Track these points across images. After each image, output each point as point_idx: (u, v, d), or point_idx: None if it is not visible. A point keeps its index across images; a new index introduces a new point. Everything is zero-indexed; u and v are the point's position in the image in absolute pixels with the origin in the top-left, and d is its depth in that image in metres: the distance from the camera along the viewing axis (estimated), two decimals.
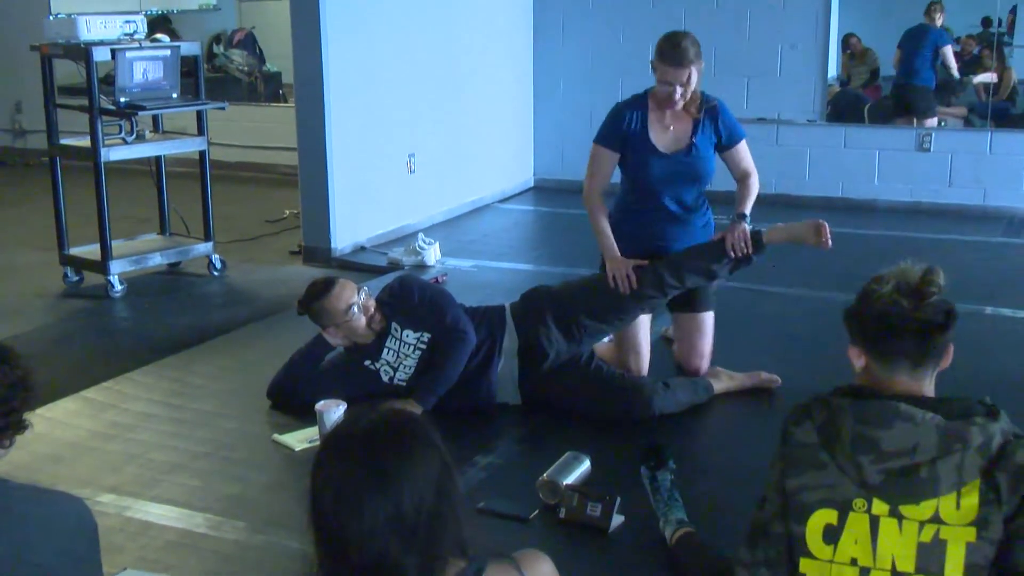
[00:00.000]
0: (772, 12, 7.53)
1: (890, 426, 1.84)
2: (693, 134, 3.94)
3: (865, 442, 1.85)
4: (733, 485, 3.35)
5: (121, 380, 4.27)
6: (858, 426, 1.86)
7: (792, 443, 1.96)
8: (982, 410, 1.88)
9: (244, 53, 10.68)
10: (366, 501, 1.50)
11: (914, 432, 1.82)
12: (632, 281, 3.85)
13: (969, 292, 5.34)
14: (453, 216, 7.34)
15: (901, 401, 1.87)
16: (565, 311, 3.88)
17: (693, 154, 3.94)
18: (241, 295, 5.70)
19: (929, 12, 7.60)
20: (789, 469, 1.94)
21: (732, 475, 3.45)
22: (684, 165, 3.95)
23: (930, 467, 1.81)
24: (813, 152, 7.67)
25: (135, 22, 5.55)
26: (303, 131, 6.18)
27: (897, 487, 1.83)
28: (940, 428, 1.82)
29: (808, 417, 1.95)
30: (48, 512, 1.90)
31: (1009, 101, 7.64)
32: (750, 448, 3.67)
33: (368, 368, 3.83)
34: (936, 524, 1.82)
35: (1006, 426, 1.87)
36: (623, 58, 7.92)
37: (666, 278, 3.88)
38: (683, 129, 3.95)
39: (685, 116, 3.95)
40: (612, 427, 3.68)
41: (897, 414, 1.84)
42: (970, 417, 1.85)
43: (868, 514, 1.85)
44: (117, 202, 5.63)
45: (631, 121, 3.96)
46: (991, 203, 7.29)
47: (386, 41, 6.52)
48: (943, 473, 1.81)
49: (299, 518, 3.12)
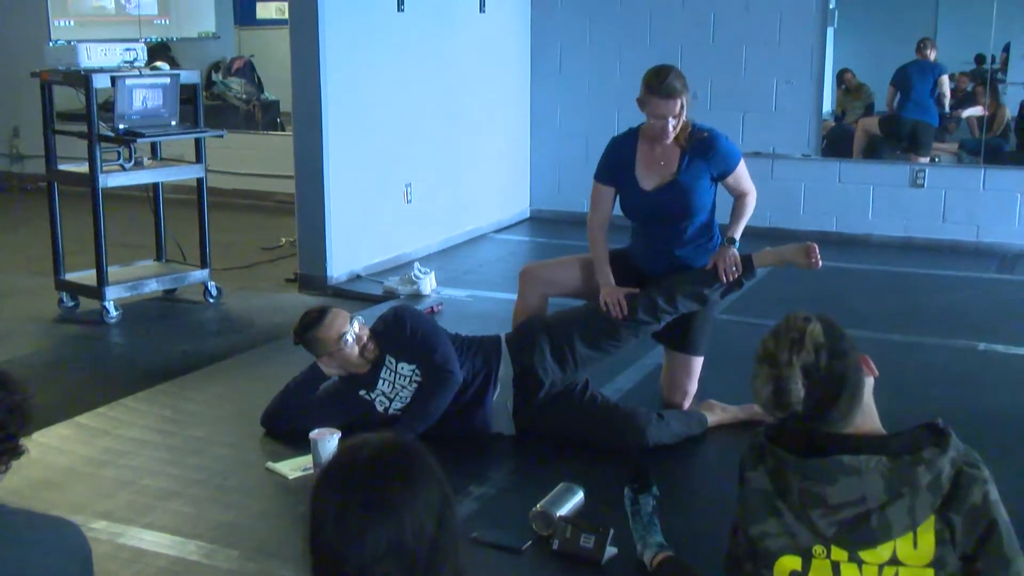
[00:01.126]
0: (768, 48, 7.59)
1: (834, 482, 1.83)
2: (678, 170, 3.94)
3: (812, 497, 1.85)
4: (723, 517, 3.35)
5: (115, 406, 4.27)
6: (804, 482, 1.86)
7: (748, 489, 1.95)
8: (930, 438, 1.86)
9: (242, 81, 10.74)
10: (368, 530, 1.50)
11: (859, 484, 1.82)
12: (623, 307, 3.87)
13: (962, 328, 5.38)
14: (449, 246, 7.36)
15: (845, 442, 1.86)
16: (559, 338, 3.89)
17: (676, 189, 3.94)
18: (236, 323, 5.70)
19: (921, 48, 7.67)
20: (749, 515, 1.94)
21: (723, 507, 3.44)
22: (667, 201, 3.95)
23: (880, 513, 1.82)
24: (808, 186, 7.71)
25: (135, 50, 5.59)
26: (301, 159, 6.21)
27: (851, 535, 1.84)
28: (886, 475, 1.81)
29: (761, 461, 1.94)
30: (43, 537, 1.90)
31: (1002, 138, 7.70)
32: None
33: (363, 398, 3.83)
34: (895, 566, 1.83)
35: (956, 453, 1.84)
36: (619, 91, 7.95)
37: (659, 303, 3.90)
38: (670, 163, 3.96)
39: (674, 149, 3.95)
40: (606, 458, 3.68)
41: (841, 469, 1.83)
42: (919, 451, 1.83)
43: (829, 560, 1.86)
44: (113, 228, 5.64)
45: (621, 156, 4.01)
46: (984, 239, 7.33)
47: (384, 71, 6.56)
48: (894, 518, 1.81)
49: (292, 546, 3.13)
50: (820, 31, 7.51)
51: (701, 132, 3.95)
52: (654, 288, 3.93)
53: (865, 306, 5.88)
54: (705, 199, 3.99)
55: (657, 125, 3.86)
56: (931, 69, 7.72)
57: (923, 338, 5.20)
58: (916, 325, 5.45)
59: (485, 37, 7.70)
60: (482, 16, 7.60)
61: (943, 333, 5.30)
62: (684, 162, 3.94)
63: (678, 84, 3.82)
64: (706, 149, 3.94)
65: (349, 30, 6.19)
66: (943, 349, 5.07)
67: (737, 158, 4.02)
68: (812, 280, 6.35)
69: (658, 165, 3.97)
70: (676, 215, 3.98)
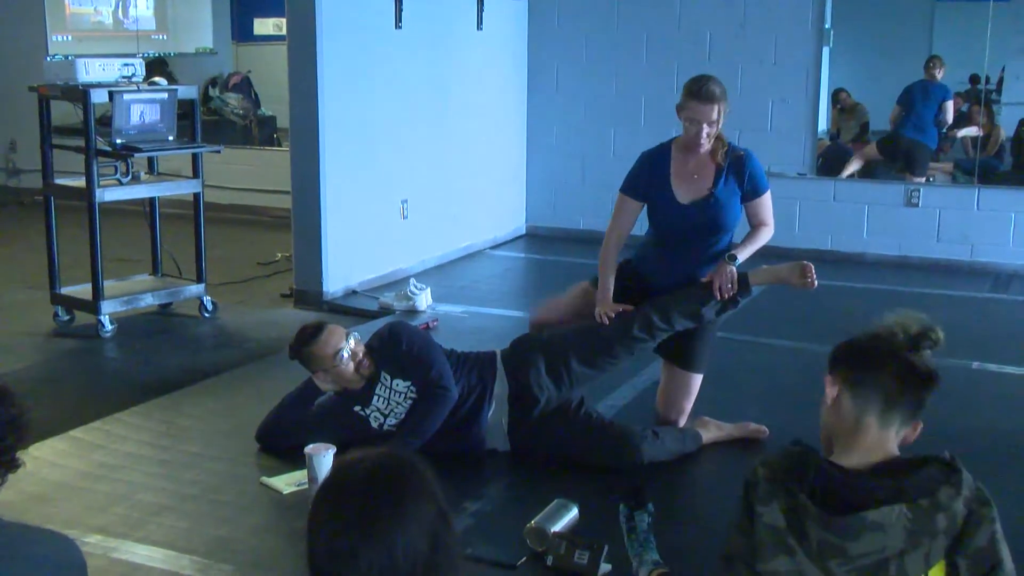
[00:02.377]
0: (763, 67, 7.63)
1: (858, 538, 1.83)
2: (715, 184, 3.94)
3: (833, 548, 1.85)
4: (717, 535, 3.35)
5: (110, 420, 4.26)
6: (825, 534, 1.85)
7: (760, 523, 1.92)
8: (943, 477, 1.87)
9: (240, 97, 10.77)
10: (360, 552, 1.50)
11: (883, 538, 1.83)
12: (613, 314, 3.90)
13: (956, 347, 5.30)
14: (445, 262, 7.38)
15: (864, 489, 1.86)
16: (555, 356, 3.90)
17: (713, 204, 3.94)
18: (232, 337, 5.70)
19: (929, 68, 7.72)
20: (759, 551, 1.92)
21: (717, 525, 3.45)
22: (704, 215, 3.96)
23: (898, 561, 1.82)
24: (803, 205, 7.73)
25: (133, 65, 5.61)
26: (297, 175, 6.23)
27: None
28: (908, 528, 1.82)
29: (774, 497, 1.92)
30: (39, 551, 1.90)
31: (997, 158, 7.74)
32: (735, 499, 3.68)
33: (358, 414, 3.83)
34: None
35: (968, 491, 1.86)
36: (616, 108, 8.01)
37: (654, 320, 3.91)
38: (706, 178, 3.96)
39: (709, 164, 3.95)
40: (600, 475, 3.68)
41: (865, 526, 1.83)
42: (934, 493, 1.84)
43: None
44: (109, 242, 5.65)
45: (654, 170, 4.00)
46: (978, 259, 7.35)
47: (381, 88, 6.58)
48: (911, 565, 1.82)
49: (287, 561, 3.14)
50: (816, 50, 7.55)
51: (737, 151, 3.97)
52: (649, 305, 3.94)
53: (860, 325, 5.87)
54: (736, 216, 4.02)
55: (692, 130, 3.88)
56: (937, 92, 7.74)
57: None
58: None
59: (482, 55, 7.73)
60: (479, 34, 7.63)
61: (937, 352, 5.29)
62: (721, 177, 3.95)
63: (717, 91, 3.86)
64: (741, 167, 3.95)
65: (347, 47, 6.21)
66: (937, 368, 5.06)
67: (766, 184, 4.04)
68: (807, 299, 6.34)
69: (692, 179, 3.97)
70: (710, 230, 3.99)
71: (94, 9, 9.72)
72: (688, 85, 3.92)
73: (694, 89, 3.87)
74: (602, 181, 7.86)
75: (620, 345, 3.92)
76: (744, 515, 1.96)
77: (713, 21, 7.71)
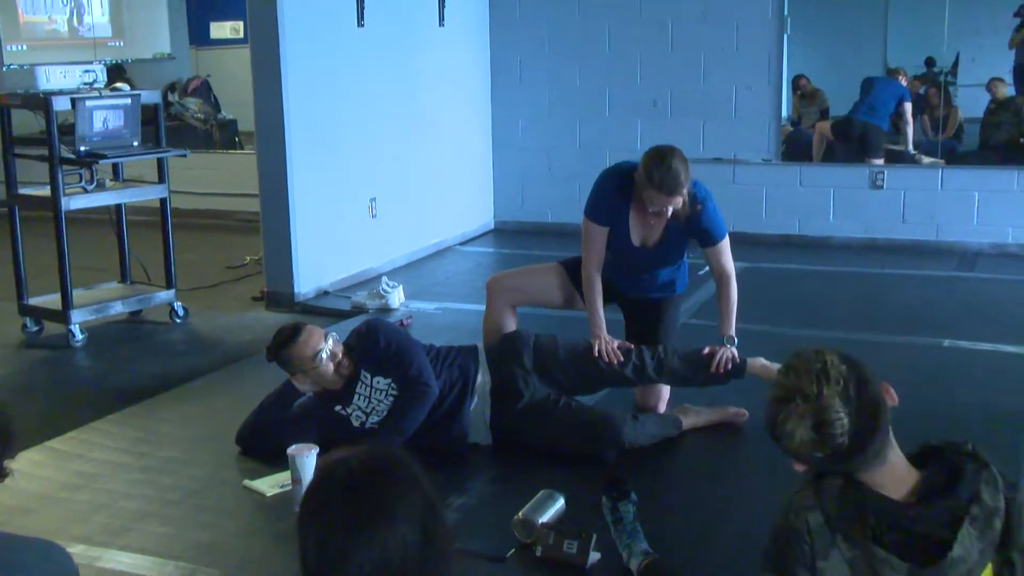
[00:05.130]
0: (726, 55, 7.66)
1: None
2: (667, 232, 4.03)
3: None
4: (701, 519, 3.39)
5: (86, 430, 4.22)
6: None
7: None
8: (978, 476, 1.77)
9: (199, 101, 10.69)
10: (350, 553, 1.49)
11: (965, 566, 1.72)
12: (618, 356, 3.97)
13: (926, 326, 5.45)
14: (415, 259, 7.36)
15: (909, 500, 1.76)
16: (545, 366, 3.96)
17: (663, 248, 4.08)
18: (204, 342, 5.66)
19: (893, 71, 7.88)
20: None
21: (700, 509, 3.49)
22: (653, 257, 4.11)
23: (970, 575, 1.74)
24: (769, 191, 7.78)
25: (95, 71, 5.54)
26: (265, 177, 6.19)
27: None
28: (981, 548, 1.72)
29: (834, 547, 1.78)
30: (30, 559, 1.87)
31: (956, 139, 7.82)
32: (718, 483, 3.72)
33: (339, 413, 3.81)
34: None
35: (1000, 481, 1.78)
36: (580, 99, 8.02)
37: (647, 371, 4.01)
38: (657, 227, 4.03)
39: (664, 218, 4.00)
40: (585, 464, 3.69)
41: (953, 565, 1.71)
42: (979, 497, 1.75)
43: None
44: (74, 252, 5.55)
45: (614, 205, 4.03)
46: (944, 238, 7.43)
47: (345, 87, 6.55)
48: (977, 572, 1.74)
49: (273, 563, 3.12)
50: (777, 37, 7.60)
51: (695, 205, 3.93)
52: (647, 352, 4.01)
53: (829, 307, 5.96)
54: (685, 250, 4.16)
55: (652, 209, 3.89)
56: (896, 88, 7.83)
57: (888, 336, 5.26)
58: (881, 324, 5.51)
59: (445, 51, 7.71)
60: (441, 30, 7.61)
61: (908, 331, 5.36)
62: (671, 233, 4.03)
63: (682, 178, 3.77)
64: (694, 223, 3.99)
65: (309, 46, 6.18)
66: (908, 347, 5.14)
67: (722, 233, 4.05)
68: (777, 284, 6.44)
69: (648, 225, 4.03)
70: (665, 263, 4.16)
71: (48, 17, 9.58)
72: (649, 170, 3.77)
73: (656, 180, 3.76)
74: (569, 173, 7.89)
75: (609, 378, 4.05)
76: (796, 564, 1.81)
77: (675, 10, 7.73)
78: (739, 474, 3.83)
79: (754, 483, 3.64)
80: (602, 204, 4.06)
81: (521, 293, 4.27)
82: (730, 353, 4.00)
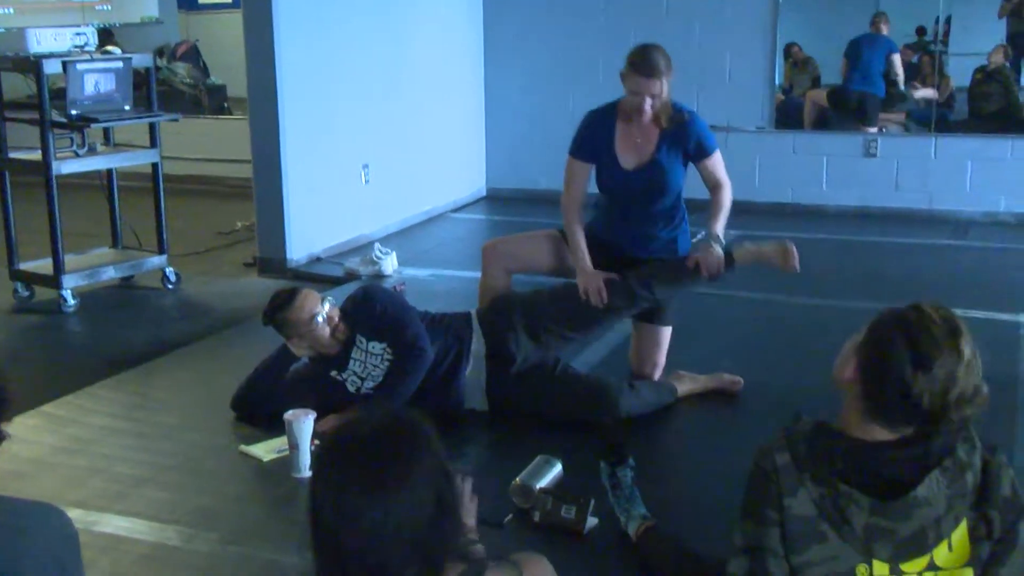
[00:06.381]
0: (719, 22, 7.63)
1: (909, 518, 1.79)
2: (657, 149, 3.95)
3: (881, 531, 1.80)
4: (698, 485, 3.41)
5: (80, 395, 4.20)
6: (874, 518, 1.80)
7: (790, 516, 1.85)
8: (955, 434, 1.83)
9: (188, 66, 10.61)
10: (364, 512, 1.49)
11: (930, 511, 1.79)
12: (603, 295, 3.88)
13: (920, 294, 5.38)
14: (407, 226, 7.34)
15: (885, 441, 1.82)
16: (535, 318, 3.90)
17: (655, 169, 3.96)
18: (197, 308, 5.64)
19: (875, 23, 7.79)
20: (792, 543, 1.85)
21: (697, 475, 3.51)
22: (646, 180, 3.97)
23: (935, 527, 1.80)
24: (762, 159, 7.77)
25: (86, 34, 5.49)
26: (257, 143, 6.15)
27: (903, 552, 1.81)
28: (946, 494, 1.79)
29: (801, 486, 1.85)
30: (30, 523, 1.86)
31: (947, 108, 7.81)
32: (714, 449, 3.73)
33: (335, 378, 3.80)
34: (933, 572, 1.81)
35: (978, 441, 1.84)
36: (574, 67, 7.97)
37: (637, 291, 3.92)
38: (648, 143, 3.96)
39: (652, 128, 3.94)
40: (582, 430, 3.69)
41: (917, 505, 1.79)
42: (954, 451, 1.81)
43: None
44: (66, 217, 5.52)
45: (598, 133, 3.99)
46: (937, 207, 7.44)
47: (339, 52, 6.50)
48: (945, 527, 1.80)
49: (272, 528, 3.13)
50: (772, 5, 7.56)
51: (681, 114, 3.94)
52: (633, 276, 3.94)
53: (823, 275, 5.96)
54: (679, 179, 4.02)
55: (635, 102, 3.86)
56: (882, 44, 7.81)
57: (883, 304, 5.18)
58: (875, 292, 5.51)
59: (439, 16, 7.66)
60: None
61: (900, 299, 5.29)
62: (662, 142, 3.94)
63: (661, 64, 3.81)
64: (684, 131, 3.94)
65: (302, 11, 6.12)
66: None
67: (714, 145, 4.03)
68: None
69: (636, 144, 3.97)
70: (653, 194, 4.00)
71: None
72: (631, 57, 3.86)
73: (636, 62, 3.82)
74: (562, 141, 7.67)
75: (601, 311, 3.93)
76: (763, 504, 1.88)
77: None
78: (735, 440, 3.83)
79: (749, 448, 3.63)
80: (586, 134, 4.03)
81: (517, 259, 4.25)
82: (717, 254, 3.90)
